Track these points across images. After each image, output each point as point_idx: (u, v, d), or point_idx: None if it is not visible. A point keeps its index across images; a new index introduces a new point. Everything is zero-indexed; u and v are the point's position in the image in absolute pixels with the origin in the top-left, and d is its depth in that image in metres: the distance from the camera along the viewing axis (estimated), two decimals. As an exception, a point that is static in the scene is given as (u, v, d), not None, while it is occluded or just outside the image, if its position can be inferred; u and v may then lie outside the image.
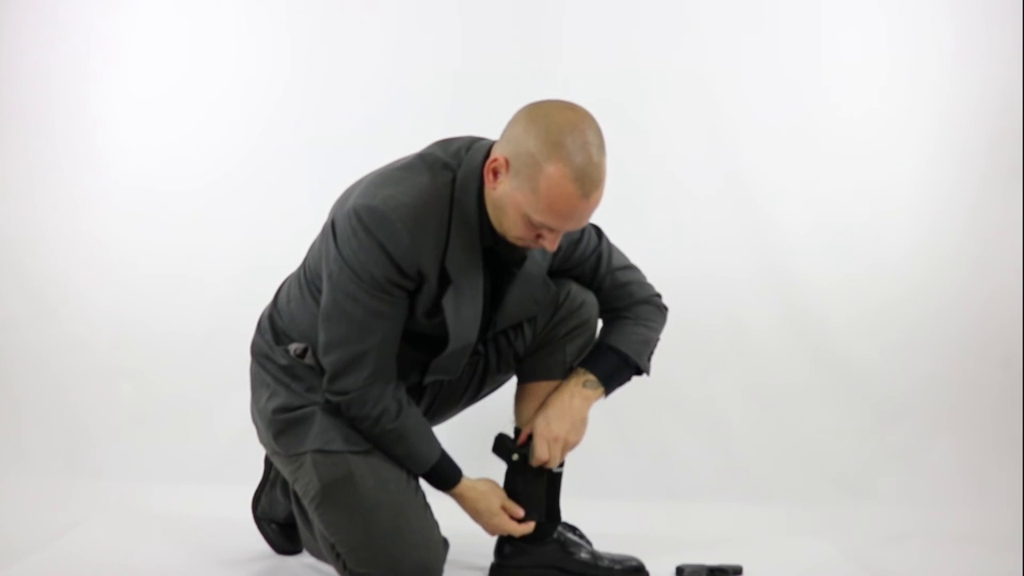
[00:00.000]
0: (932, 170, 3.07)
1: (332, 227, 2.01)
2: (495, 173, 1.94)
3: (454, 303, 2.01)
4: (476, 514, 2.18)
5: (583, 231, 2.21)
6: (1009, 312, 3.05)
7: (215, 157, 3.01)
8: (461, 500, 2.16)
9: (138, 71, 3.02)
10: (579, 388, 2.17)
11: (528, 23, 3.03)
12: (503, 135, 1.96)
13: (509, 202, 1.93)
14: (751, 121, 3.04)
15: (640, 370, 2.22)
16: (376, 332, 2.00)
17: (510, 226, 1.95)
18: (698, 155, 3.04)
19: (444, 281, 2.00)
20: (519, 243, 1.98)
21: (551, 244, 1.96)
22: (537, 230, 1.94)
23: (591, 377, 2.18)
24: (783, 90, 3.05)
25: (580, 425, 2.17)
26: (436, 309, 2.02)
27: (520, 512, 2.18)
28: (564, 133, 1.87)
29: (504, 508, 2.18)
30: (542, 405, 2.19)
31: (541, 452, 2.16)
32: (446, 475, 2.13)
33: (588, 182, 1.88)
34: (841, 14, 3.05)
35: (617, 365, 2.19)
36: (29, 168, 3.01)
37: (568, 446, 2.17)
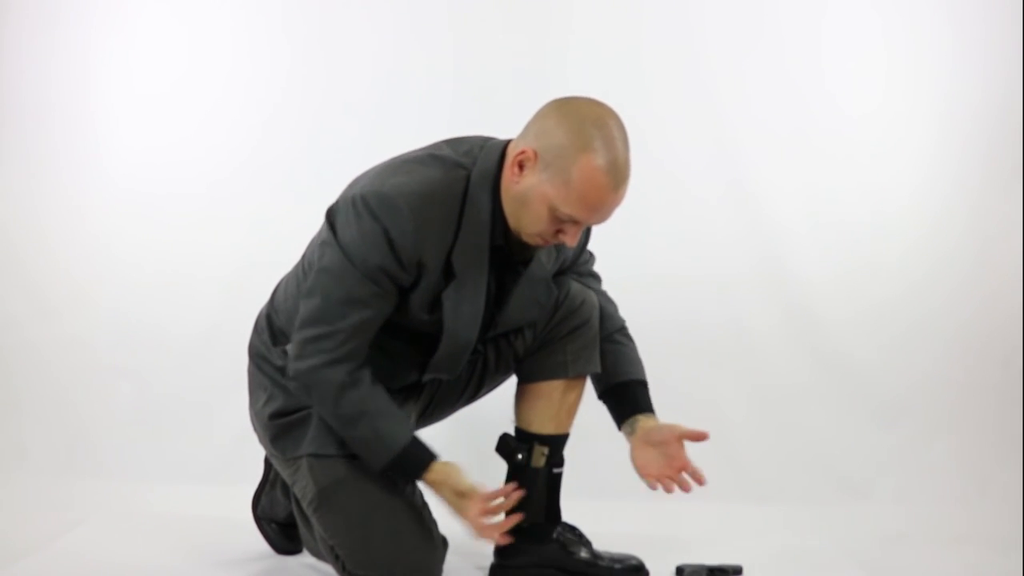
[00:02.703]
0: (932, 170, 3.08)
1: (330, 213, 2.00)
2: (521, 166, 1.93)
3: (455, 299, 2.00)
4: (453, 512, 2.02)
5: (587, 238, 2.22)
6: (1009, 312, 3.05)
7: (215, 158, 3.02)
8: (438, 487, 2.02)
9: (138, 71, 3.02)
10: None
11: (532, 26, 3.03)
12: (528, 129, 1.95)
13: (535, 195, 1.92)
14: (753, 124, 3.04)
15: None
16: (350, 318, 1.95)
17: (532, 220, 1.94)
18: (700, 157, 3.04)
19: (448, 276, 1.99)
20: (534, 240, 1.97)
21: (572, 239, 1.95)
22: (560, 225, 1.93)
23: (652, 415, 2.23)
24: (784, 92, 3.05)
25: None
26: (436, 304, 2.00)
27: (488, 503, 1.99)
28: (596, 126, 1.89)
29: (480, 498, 1.99)
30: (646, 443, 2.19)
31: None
32: (419, 457, 2.01)
33: (619, 175, 1.89)
34: (841, 18, 3.06)
35: (649, 394, 2.25)
36: (29, 168, 3.01)
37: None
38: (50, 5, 3.00)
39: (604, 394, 2.23)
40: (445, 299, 1.99)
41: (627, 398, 2.21)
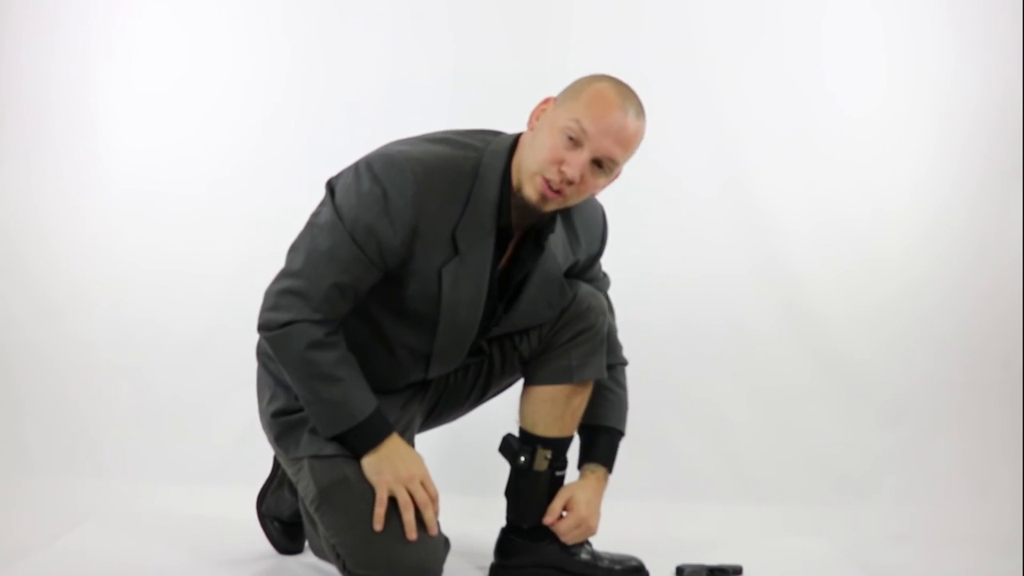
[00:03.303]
0: (932, 170, 3.08)
1: (332, 181, 2.02)
2: (539, 116, 1.98)
3: (455, 275, 2.00)
4: (392, 466, 2.00)
5: (600, 249, 2.24)
6: (1009, 311, 3.05)
7: (216, 157, 3.02)
8: (377, 452, 2.00)
9: (138, 71, 3.02)
10: (602, 484, 2.23)
11: (532, 28, 3.03)
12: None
13: (547, 125, 1.94)
14: (752, 124, 3.04)
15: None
16: (328, 277, 1.95)
17: (539, 149, 1.93)
18: (699, 157, 3.04)
19: (453, 251, 1.98)
20: (535, 185, 1.93)
21: (574, 168, 1.91)
22: (564, 153, 1.91)
23: (605, 470, 2.24)
24: (784, 92, 3.05)
25: (599, 516, 2.23)
26: (438, 281, 1.99)
27: (434, 490, 2.02)
28: (610, 77, 1.98)
29: (423, 484, 2.01)
30: (578, 487, 2.20)
31: (568, 527, 2.19)
32: (379, 430, 2.00)
33: (628, 98, 1.95)
34: (841, 17, 3.06)
35: (616, 444, 2.27)
36: (29, 168, 3.01)
37: (590, 533, 2.22)
38: (50, 5, 2.99)
39: (578, 430, 2.25)
40: (445, 273, 1.99)
41: (590, 443, 2.26)
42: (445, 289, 2.00)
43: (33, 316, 3.00)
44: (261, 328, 2.01)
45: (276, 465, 2.42)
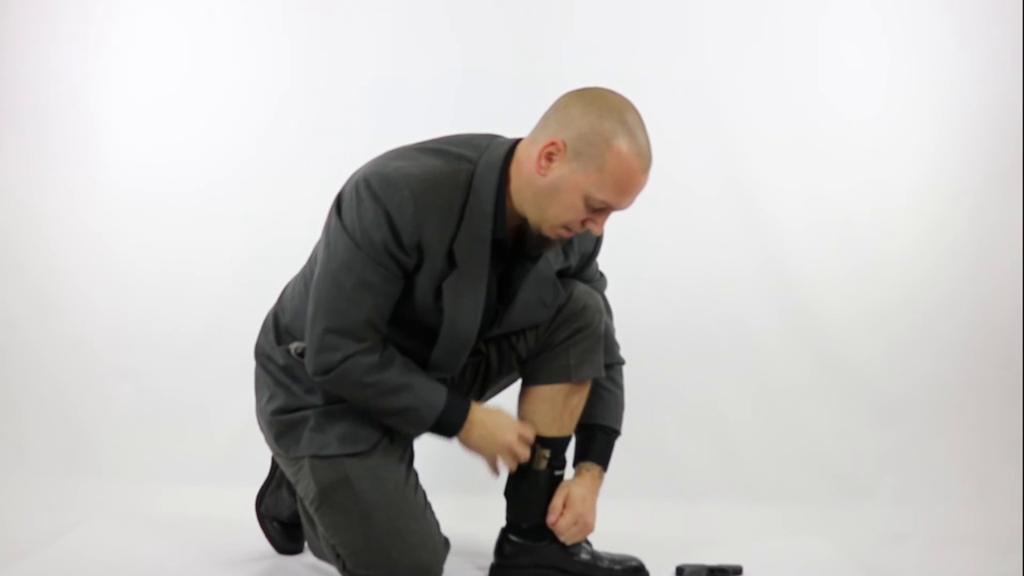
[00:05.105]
0: (932, 171, 3.07)
1: (337, 200, 2.02)
2: (549, 158, 1.95)
3: (455, 288, 2.01)
4: (490, 436, 2.10)
5: (596, 249, 2.24)
6: (1009, 311, 3.05)
7: (217, 158, 3.01)
8: (471, 428, 2.09)
9: (139, 72, 3.02)
10: (597, 483, 2.24)
11: (531, 30, 3.03)
12: (548, 122, 1.98)
13: (567, 185, 1.94)
14: (752, 125, 3.04)
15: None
16: (364, 305, 1.98)
17: (563, 210, 1.96)
18: (699, 158, 3.03)
19: (450, 265, 2.00)
20: (557, 233, 1.99)
21: (599, 228, 2.00)
22: (588, 214, 1.96)
23: (600, 468, 2.25)
24: (784, 93, 3.04)
25: (595, 513, 2.24)
26: (438, 293, 2.01)
27: (531, 434, 2.16)
28: (622, 112, 1.95)
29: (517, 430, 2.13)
30: (574, 484, 2.21)
31: (566, 525, 2.19)
32: (459, 409, 2.08)
33: (646, 158, 1.96)
34: (841, 19, 3.05)
35: (612, 443, 2.27)
36: (29, 168, 3.01)
37: (587, 531, 2.23)
38: (50, 5, 3.00)
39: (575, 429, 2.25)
40: (446, 288, 2.00)
41: (586, 442, 2.27)
42: (446, 302, 2.02)
43: (32, 316, 3.00)
44: (317, 373, 2.02)
45: (275, 465, 2.42)
